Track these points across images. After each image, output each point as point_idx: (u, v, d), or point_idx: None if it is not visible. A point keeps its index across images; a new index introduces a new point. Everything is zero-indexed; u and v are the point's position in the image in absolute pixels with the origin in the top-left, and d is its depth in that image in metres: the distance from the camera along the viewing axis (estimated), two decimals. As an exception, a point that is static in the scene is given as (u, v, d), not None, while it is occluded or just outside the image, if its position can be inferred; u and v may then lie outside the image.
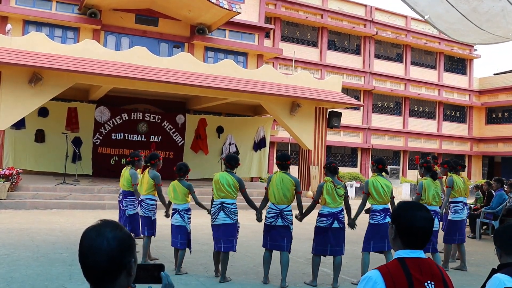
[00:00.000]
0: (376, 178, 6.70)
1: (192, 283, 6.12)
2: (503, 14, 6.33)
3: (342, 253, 6.44)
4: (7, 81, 12.56)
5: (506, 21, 6.58)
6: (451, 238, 7.89)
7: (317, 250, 6.42)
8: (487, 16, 6.54)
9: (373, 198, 6.64)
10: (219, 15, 17.90)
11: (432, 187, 7.28)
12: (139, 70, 13.48)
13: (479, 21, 6.77)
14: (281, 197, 6.33)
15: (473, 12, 6.49)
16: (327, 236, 6.36)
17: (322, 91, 16.35)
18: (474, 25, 6.95)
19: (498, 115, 29.78)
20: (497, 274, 2.25)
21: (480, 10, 6.38)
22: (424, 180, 7.40)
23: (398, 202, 2.23)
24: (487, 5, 6.22)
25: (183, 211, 6.69)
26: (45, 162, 16.24)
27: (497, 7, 6.18)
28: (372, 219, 6.65)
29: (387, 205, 6.65)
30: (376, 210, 6.63)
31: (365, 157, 26.07)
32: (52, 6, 17.30)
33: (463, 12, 6.52)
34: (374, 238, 6.58)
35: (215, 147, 18.95)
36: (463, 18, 6.69)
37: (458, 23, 7.02)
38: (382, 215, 6.56)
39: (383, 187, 6.60)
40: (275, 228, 6.32)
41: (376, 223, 6.60)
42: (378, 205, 6.62)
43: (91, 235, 1.56)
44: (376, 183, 6.64)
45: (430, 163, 7.60)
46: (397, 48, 27.90)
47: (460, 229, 7.99)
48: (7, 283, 5.64)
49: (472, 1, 6.19)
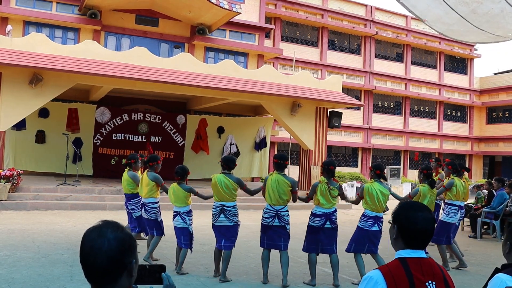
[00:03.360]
0: (373, 184, 6.61)
1: (193, 283, 6.12)
2: (502, 15, 6.33)
3: (334, 251, 6.44)
4: (8, 82, 12.57)
5: (505, 21, 6.58)
6: (438, 238, 7.83)
7: (308, 249, 6.46)
8: (486, 17, 6.53)
9: (366, 203, 6.60)
10: (219, 15, 17.89)
11: (428, 195, 7.28)
12: (140, 71, 13.48)
13: (479, 22, 6.76)
14: (277, 199, 6.36)
15: (472, 14, 6.49)
16: (318, 236, 6.38)
17: (323, 91, 16.35)
18: (474, 26, 6.94)
19: (499, 114, 29.76)
20: (499, 273, 2.24)
21: (480, 11, 6.37)
22: (421, 187, 7.38)
23: (400, 202, 2.23)
24: (486, 7, 6.21)
25: (184, 214, 6.70)
26: (46, 162, 16.24)
27: (496, 8, 6.18)
28: (360, 223, 6.61)
29: (380, 213, 6.54)
30: (366, 216, 6.58)
31: (366, 157, 26.06)
32: (52, 7, 17.30)
33: (462, 14, 6.51)
34: (357, 241, 6.56)
35: (215, 148, 18.94)
36: (462, 19, 6.68)
37: (457, 24, 7.01)
38: (371, 222, 6.50)
39: (377, 194, 6.50)
40: (271, 228, 6.35)
41: (362, 228, 6.56)
42: (370, 211, 6.56)
43: (92, 235, 1.56)
44: (371, 189, 6.55)
45: (431, 171, 7.58)
46: (398, 48, 27.89)
47: (448, 231, 7.98)
48: (8, 284, 5.64)
49: (471, 3, 6.18)
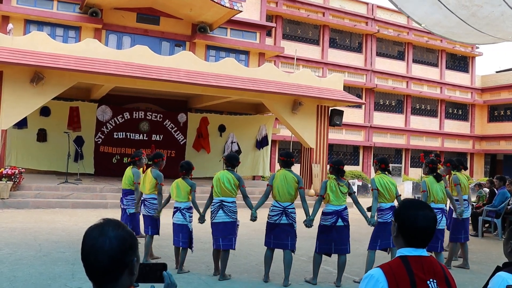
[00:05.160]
0: (381, 175, 6.72)
1: (194, 282, 6.12)
2: (503, 18, 6.31)
3: (348, 251, 6.39)
4: (9, 80, 12.58)
5: (506, 25, 6.56)
6: (457, 236, 7.85)
7: (321, 249, 6.39)
8: (486, 20, 6.51)
9: (381, 196, 6.61)
10: (220, 14, 17.88)
11: (435, 183, 7.23)
12: (141, 69, 13.47)
13: (479, 25, 6.74)
14: (285, 194, 6.35)
15: (472, 17, 6.46)
16: (331, 235, 6.32)
17: (324, 89, 16.33)
18: (474, 29, 6.92)
19: (501, 113, 29.70)
20: (500, 272, 2.25)
21: (480, 15, 6.35)
22: (426, 178, 7.38)
23: (402, 200, 2.22)
24: (486, 10, 6.18)
25: (184, 210, 6.68)
26: (47, 161, 16.26)
27: (496, 11, 6.15)
28: (380, 217, 6.63)
29: (393, 203, 6.64)
30: (384, 209, 6.62)
31: (367, 155, 26.05)
32: (53, 5, 17.30)
33: (462, 17, 6.49)
34: (381, 236, 6.57)
35: (217, 146, 18.94)
36: (462, 22, 6.66)
37: (457, 27, 6.99)
38: (390, 213, 6.53)
39: (388, 185, 6.64)
40: (279, 226, 6.30)
41: (384, 222, 6.57)
42: (386, 203, 6.61)
43: (94, 234, 1.56)
44: (382, 180, 6.65)
45: (436, 164, 7.54)
46: (399, 46, 27.85)
47: (465, 227, 7.98)
48: (10, 282, 5.66)
49: (471, 7, 6.16)
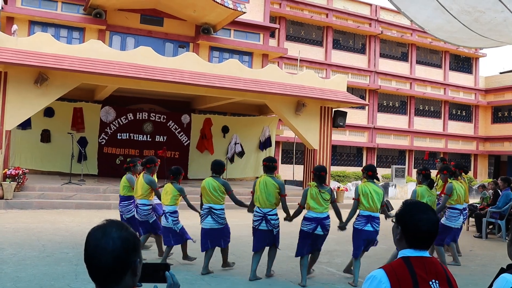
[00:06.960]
0: (366, 184, 6.61)
1: (197, 282, 6.13)
2: (505, 24, 6.30)
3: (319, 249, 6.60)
4: (13, 81, 12.62)
5: (508, 30, 6.55)
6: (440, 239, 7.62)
7: (299, 253, 6.45)
8: (489, 25, 6.51)
9: (361, 204, 6.56)
10: (224, 15, 17.90)
11: (426, 195, 7.15)
12: (145, 70, 13.50)
13: (481, 30, 6.74)
14: (265, 200, 6.44)
15: (475, 23, 6.47)
16: (308, 241, 6.34)
17: (327, 90, 16.32)
18: (477, 34, 6.92)
19: (504, 114, 29.61)
20: (504, 274, 2.24)
21: (482, 20, 6.35)
22: (418, 187, 7.30)
23: (404, 201, 2.22)
24: (489, 16, 6.18)
25: (168, 213, 6.87)
26: (51, 162, 16.31)
27: (499, 17, 6.15)
28: (355, 223, 6.61)
29: (374, 213, 6.50)
30: (361, 215, 6.57)
31: (371, 157, 26.01)
32: (57, 6, 17.36)
33: (464, 22, 6.50)
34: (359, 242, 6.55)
35: (220, 147, 18.96)
36: (465, 28, 6.66)
37: (460, 32, 6.99)
38: (364, 221, 6.48)
39: (371, 193, 6.50)
40: (258, 231, 6.48)
41: (357, 228, 6.55)
42: (363, 210, 6.52)
43: (97, 235, 1.57)
44: (365, 188, 6.55)
45: (429, 171, 7.47)
46: (402, 47, 27.81)
47: (449, 234, 7.88)
48: (14, 282, 5.67)
49: (474, 12, 6.16)
